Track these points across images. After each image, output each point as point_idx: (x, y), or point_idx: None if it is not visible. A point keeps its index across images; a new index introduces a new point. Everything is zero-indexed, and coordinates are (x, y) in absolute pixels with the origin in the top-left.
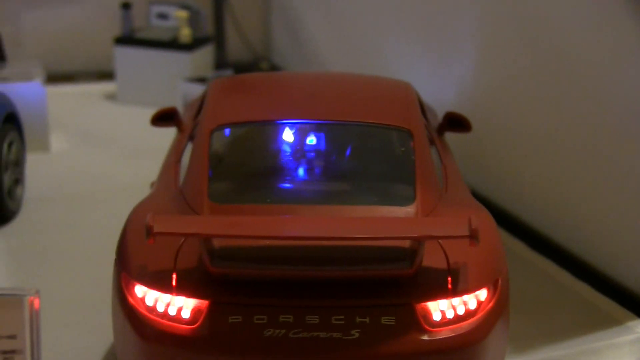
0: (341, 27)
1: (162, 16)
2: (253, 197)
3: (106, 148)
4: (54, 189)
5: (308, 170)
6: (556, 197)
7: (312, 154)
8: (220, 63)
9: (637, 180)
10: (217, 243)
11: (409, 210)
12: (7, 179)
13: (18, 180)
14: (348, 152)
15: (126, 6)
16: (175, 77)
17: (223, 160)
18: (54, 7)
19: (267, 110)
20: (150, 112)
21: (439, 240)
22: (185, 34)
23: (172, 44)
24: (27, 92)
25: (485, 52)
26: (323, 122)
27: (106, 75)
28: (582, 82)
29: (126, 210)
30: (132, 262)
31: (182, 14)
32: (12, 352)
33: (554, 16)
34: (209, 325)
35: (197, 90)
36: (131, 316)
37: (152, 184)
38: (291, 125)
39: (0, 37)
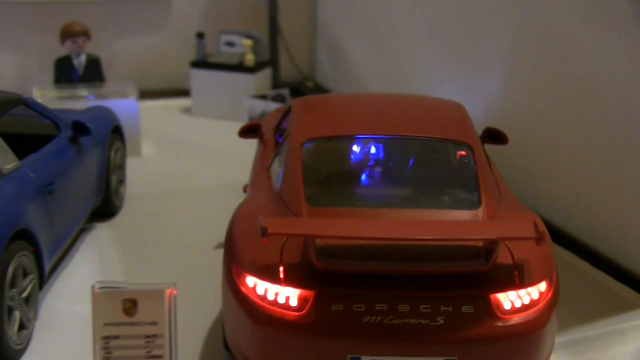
0: (378, 50)
1: (230, 44)
2: (342, 201)
3: (186, 153)
4: (148, 188)
5: (385, 178)
6: (572, 198)
7: (388, 163)
8: (276, 83)
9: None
10: (320, 242)
11: (476, 213)
12: (114, 180)
13: (121, 181)
14: (418, 162)
15: (200, 35)
16: (241, 95)
17: (312, 169)
18: (141, 36)
19: (348, 127)
20: (219, 123)
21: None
22: (250, 58)
23: (239, 67)
24: (124, 107)
25: (511, 75)
26: (396, 136)
27: (182, 92)
28: (597, 101)
29: (210, 205)
30: (242, 256)
31: (247, 42)
32: (154, 336)
33: (574, 44)
34: (315, 312)
35: (260, 105)
36: (244, 303)
37: (245, 187)
38: (369, 139)
39: (100, 62)
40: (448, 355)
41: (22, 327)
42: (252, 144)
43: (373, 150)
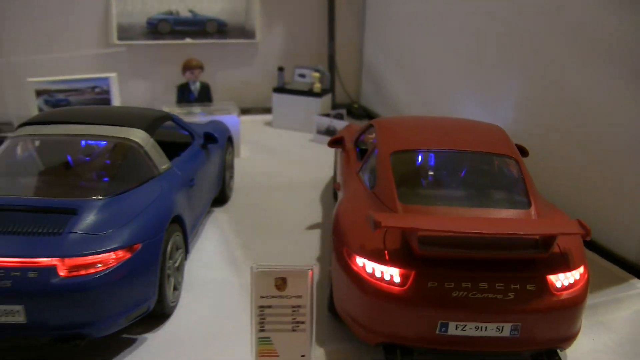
0: (412, 80)
1: (302, 75)
2: (426, 200)
3: (272, 156)
4: (248, 182)
5: (454, 183)
6: (567, 199)
7: (455, 171)
8: (333, 105)
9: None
10: (421, 233)
11: (529, 212)
12: (227, 176)
13: (231, 177)
14: (477, 171)
15: (281, 69)
16: (310, 113)
17: (399, 175)
18: (236, 69)
19: (423, 142)
20: (294, 134)
21: None
22: (317, 86)
23: (309, 93)
24: (228, 121)
25: (520, 105)
26: (459, 150)
27: (264, 110)
28: (590, 128)
29: (297, 196)
30: (352, 241)
31: (316, 74)
32: (298, 306)
33: (574, 84)
34: (414, 288)
35: (325, 121)
36: (355, 279)
37: (337, 185)
38: (439, 152)
39: (210, 88)
40: (515, 322)
41: (174, 289)
42: (321, 151)
43: (443, 160)
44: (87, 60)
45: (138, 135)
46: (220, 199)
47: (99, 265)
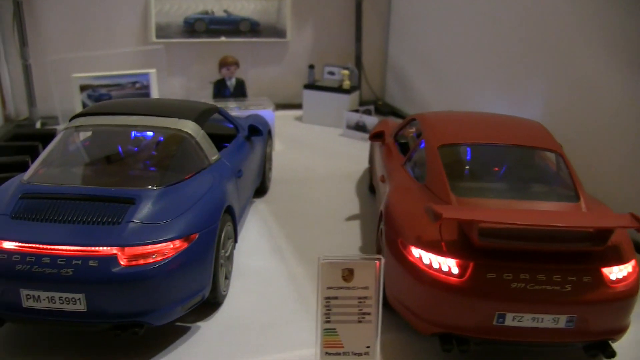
0: (436, 77)
1: (331, 73)
2: (478, 193)
3: (304, 149)
4: (283, 174)
5: (502, 176)
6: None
7: (502, 165)
8: (361, 102)
9: None
10: (482, 225)
11: (579, 205)
12: (267, 167)
13: (270, 168)
14: (523, 165)
15: (311, 67)
16: (339, 109)
17: (449, 167)
18: (267, 66)
19: (469, 135)
20: (324, 129)
21: None
22: (346, 83)
23: (338, 90)
24: (264, 115)
25: (548, 103)
26: (505, 144)
27: (293, 106)
28: (622, 127)
29: (331, 188)
30: (407, 232)
31: (346, 72)
32: (365, 298)
33: (599, 84)
34: (473, 279)
35: (355, 116)
36: (412, 269)
37: (382, 178)
38: (486, 146)
39: (245, 84)
40: (571, 314)
41: (225, 278)
42: (351, 145)
43: (490, 154)
44: (127, 57)
45: (189, 127)
46: (260, 190)
47: (157, 255)
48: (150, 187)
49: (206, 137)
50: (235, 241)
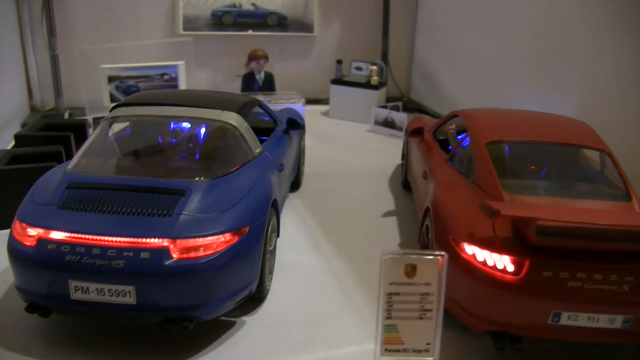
0: (464, 74)
1: (358, 68)
2: (529, 190)
3: (334, 144)
4: (314, 169)
5: (551, 174)
6: None
7: (550, 163)
8: (387, 98)
9: None
10: (540, 223)
11: (632, 205)
12: (301, 161)
13: (303, 162)
14: (572, 164)
15: (339, 62)
16: (366, 105)
17: (496, 164)
18: (294, 61)
19: (517, 133)
20: (351, 124)
21: None
22: (375, 79)
23: (366, 85)
24: (295, 109)
25: (585, 102)
26: (552, 142)
27: (320, 101)
28: None
29: (363, 183)
30: (458, 229)
31: (374, 67)
32: (427, 294)
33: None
34: (530, 277)
35: (384, 112)
36: (465, 267)
37: (424, 174)
38: (534, 143)
39: (274, 77)
40: (628, 314)
41: (269, 272)
42: (380, 141)
43: (537, 151)
44: (154, 49)
45: (233, 118)
46: (294, 184)
47: (208, 249)
48: (198, 179)
49: (250, 129)
50: (278, 235)
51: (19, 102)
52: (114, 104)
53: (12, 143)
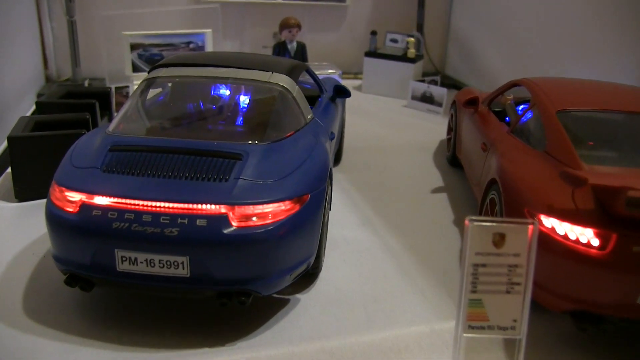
0: (509, 48)
1: (393, 40)
2: (607, 161)
3: (371, 119)
4: (353, 143)
5: (627, 145)
6: None
7: (625, 133)
8: (422, 73)
9: None
10: (631, 193)
11: None
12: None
13: (343, 135)
14: None
15: (374, 33)
16: (402, 79)
17: (570, 133)
18: (324, 31)
19: (586, 101)
20: (386, 99)
21: None
22: (412, 52)
23: (403, 58)
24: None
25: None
26: (626, 111)
27: (351, 74)
28: None
29: (410, 160)
30: (535, 201)
31: (411, 39)
32: (515, 266)
33: None
34: (617, 251)
35: (422, 87)
36: (544, 241)
37: (483, 146)
38: (605, 112)
39: (306, 48)
40: None
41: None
42: (418, 116)
43: (610, 120)
44: (179, 15)
45: (285, 81)
46: (336, 157)
47: (267, 217)
48: (252, 142)
49: (301, 93)
50: (329, 208)
51: (34, 71)
52: (153, 66)
53: (33, 109)
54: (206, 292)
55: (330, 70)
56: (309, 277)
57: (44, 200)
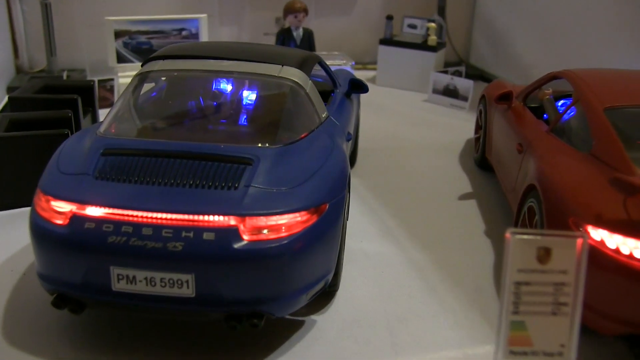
0: (544, 32)
1: (412, 26)
2: None
3: (387, 116)
4: (368, 143)
5: None
6: None
7: None
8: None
9: None
10: None
11: None
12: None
13: (358, 135)
14: None
15: (389, 18)
16: (422, 70)
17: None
18: (333, 15)
19: (636, 96)
20: (404, 93)
21: None
22: (433, 39)
23: (423, 46)
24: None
25: None
26: None
27: (364, 65)
28: None
29: (433, 162)
30: (581, 210)
31: (432, 25)
32: (562, 284)
33: None
34: None
35: (445, 79)
36: (593, 256)
37: (519, 146)
38: None
39: (313, 35)
40: None
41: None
42: (440, 112)
43: None
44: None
45: (296, 75)
46: (350, 159)
47: (281, 229)
48: (262, 145)
49: (315, 89)
50: (347, 218)
51: (2, 61)
52: (148, 57)
53: (4, 104)
54: (213, 314)
55: (341, 61)
56: (326, 296)
57: (22, 210)
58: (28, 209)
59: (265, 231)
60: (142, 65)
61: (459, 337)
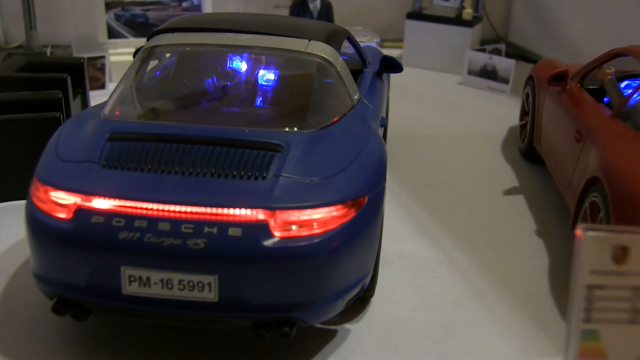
0: (597, 5)
1: None
2: None
3: (416, 100)
4: (398, 131)
5: None
6: None
7: None
8: (481, 40)
9: None
10: None
11: None
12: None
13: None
14: None
15: None
16: (456, 48)
17: None
18: None
19: None
20: (435, 74)
21: None
22: (468, 12)
23: (456, 21)
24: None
25: None
26: None
27: (388, 42)
28: None
29: (471, 153)
30: None
31: None
32: None
33: None
34: None
35: (482, 58)
36: None
37: (577, 135)
38: None
39: (332, 7)
40: None
41: None
42: (476, 96)
43: None
44: None
45: (326, 51)
46: None
47: (316, 225)
48: (290, 130)
49: (346, 67)
50: None
51: None
52: (155, 30)
53: None
54: (238, 321)
55: (365, 37)
56: (360, 301)
57: (8, 204)
58: (13, 202)
59: (297, 227)
60: (147, 39)
61: (512, 349)
